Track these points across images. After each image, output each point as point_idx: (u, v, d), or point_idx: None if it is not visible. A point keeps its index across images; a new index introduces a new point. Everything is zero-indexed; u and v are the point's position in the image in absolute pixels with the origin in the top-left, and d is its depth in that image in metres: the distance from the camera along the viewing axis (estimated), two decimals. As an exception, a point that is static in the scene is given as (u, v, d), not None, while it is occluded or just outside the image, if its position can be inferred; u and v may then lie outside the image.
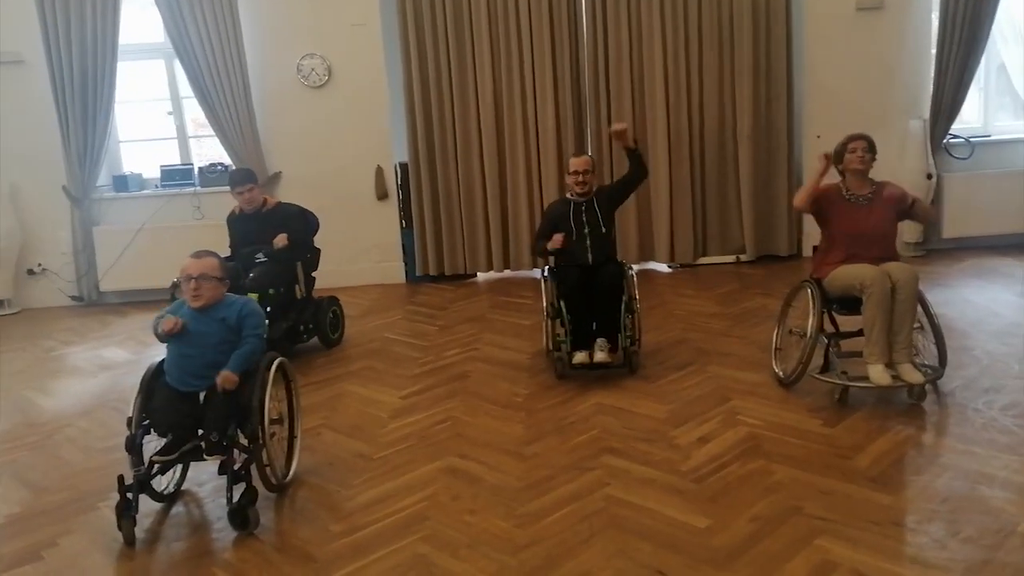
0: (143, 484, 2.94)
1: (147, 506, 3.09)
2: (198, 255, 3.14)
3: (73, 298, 6.73)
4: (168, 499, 3.17)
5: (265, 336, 3.18)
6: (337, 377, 4.52)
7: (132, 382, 3.12)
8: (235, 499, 2.89)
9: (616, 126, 4.42)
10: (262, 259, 4.75)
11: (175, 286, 3.20)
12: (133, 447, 2.94)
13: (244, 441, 3.00)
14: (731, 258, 6.59)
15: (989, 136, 6.51)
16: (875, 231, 3.74)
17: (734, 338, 4.69)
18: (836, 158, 3.85)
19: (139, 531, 2.94)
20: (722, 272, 6.33)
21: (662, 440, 3.42)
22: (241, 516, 2.89)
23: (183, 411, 2.99)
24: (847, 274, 3.65)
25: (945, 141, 6.32)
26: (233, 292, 3.27)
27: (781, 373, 3.93)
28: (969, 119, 6.61)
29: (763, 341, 4.47)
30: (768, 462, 3.15)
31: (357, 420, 3.89)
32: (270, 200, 4.98)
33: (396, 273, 6.77)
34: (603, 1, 6.23)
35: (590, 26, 6.30)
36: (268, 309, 4.64)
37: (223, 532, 2.94)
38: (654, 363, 4.34)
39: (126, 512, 2.87)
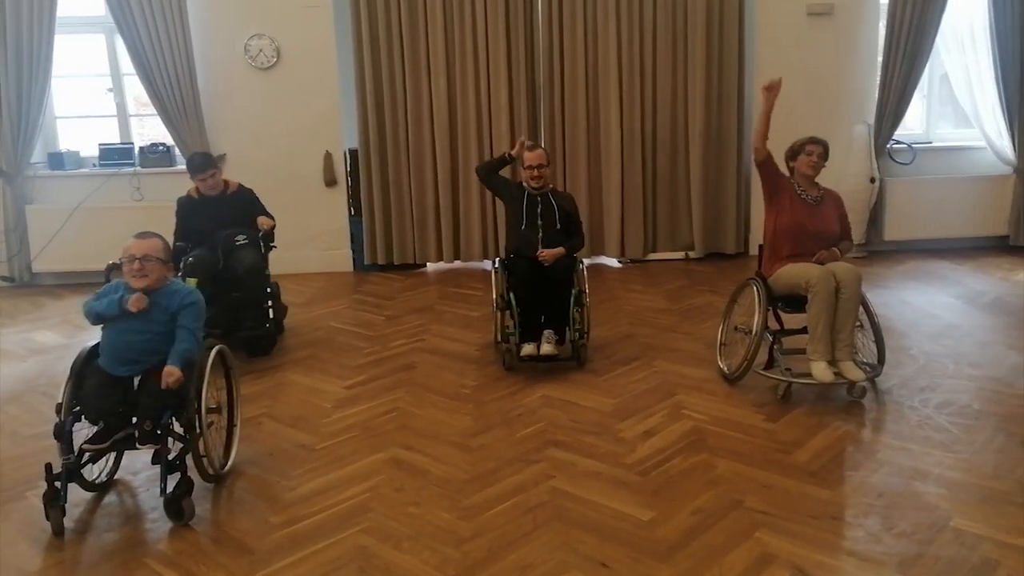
0: (72, 473, 2.82)
1: (78, 495, 2.98)
2: (142, 235, 3.02)
3: (3, 278, 6.45)
4: (100, 488, 3.05)
5: (202, 335, 3.07)
6: (279, 366, 4.42)
7: (64, 367, 3.00)
8: (169, 489, 2.80)
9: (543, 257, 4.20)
10: (243, 241, 4.56)
11: (110, 268, 3.07)
12: (62, 435, 2.82)
13: (179, 430, 2.91)
14: (680, 254, 6.66)
15: (931, 143, 6.70)
16: (822, 231, 3.82)
17: (681, 334, 4.74)
18: (790, 155, 3.91)
19: (69, 521, 2.83)
20: (671, 268, 6.39)
21: (608, 433, 3.43)
22: (175, 507, 2.80)
23: (116, 397, 2.88)
24: (793, 273, 3.71)
25: (888, 146, 6.48)
26: (201, 276, 3.17)
27: (726, 369, 3.98)
28: (912, 126, 6.79)
29: (709, 337, 4.52)
30: (711, 456, 3.19)
31: (299, 410, 3.81)
32: (231, 183, 4.80)
33: (344, 261, 6.66)
34: (560, -6, 6.22)
35: (546, 16, 6.27)
36: (269, 291, 4.68)
37: (157, 523, 2.84)
38: (602, 357, 4.35)
39: (54, 501, 2.75)
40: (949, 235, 6.52)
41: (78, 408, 2.88)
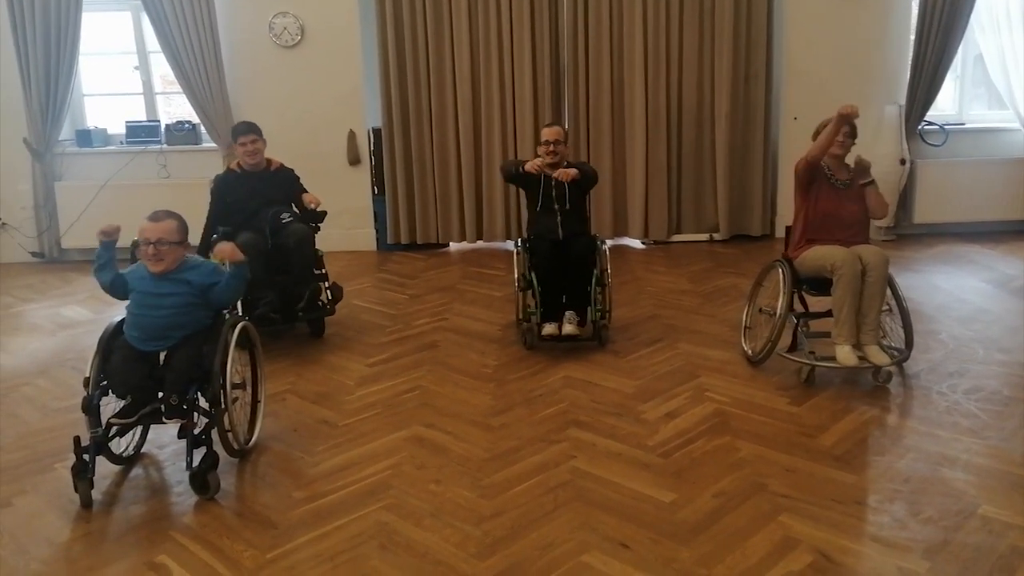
0: (100, 446, 2.86)
1: (105, 468, 3.02)
2: (155, 217, 3.01)
3: (34, 254, 6.54)
4: (127, 461, 3.10)
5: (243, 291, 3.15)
6: (303, 343, 4.45)
7: (92, 341, 3.03)
8: (195, 463, 2.83)
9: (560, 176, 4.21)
10: (289, 218, 4.40)
11: (136, 245, 3.10)
12: (90, 408, 2.86)
13: (205, 405, 2.94)
14: (704, 236, 6.60)
15: (963, 124, 6.55)
16: (851, 216, 3.75)
17: (704, 316, 4.70)
18: (818, 135, 3.82)
19: (97, 493, 2.88)
20: (695, 250, 6.33)
21: (629, 415, 3.42)
22: (201, 480, 2.83)
23: (142, 372, 2.91)
24: (819, 255, 3.66)
25: (920, 128, 6.35)
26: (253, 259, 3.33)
27: (750, 351, 3.94)
28: (944, 107, 6.64)
29: (733, 320, 4.48)
30: (734, 439, 3.16)
31: (323, 387, 3.84)
32: (274, 161, 4.62)
33: (367, 240, 6.68)
34: (586, -29, 6.14)
35: (571, -4, 6.21)
36: (324, 270, 4.53)
37: (182, 496, 2.88)
38: (624, 338, 4.33)
39: (82, 474, 2.80)
40: (981, 218, 6.39)
41: (105, 382, 2.92)
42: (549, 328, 4.08)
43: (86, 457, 2.81)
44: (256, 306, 4.11)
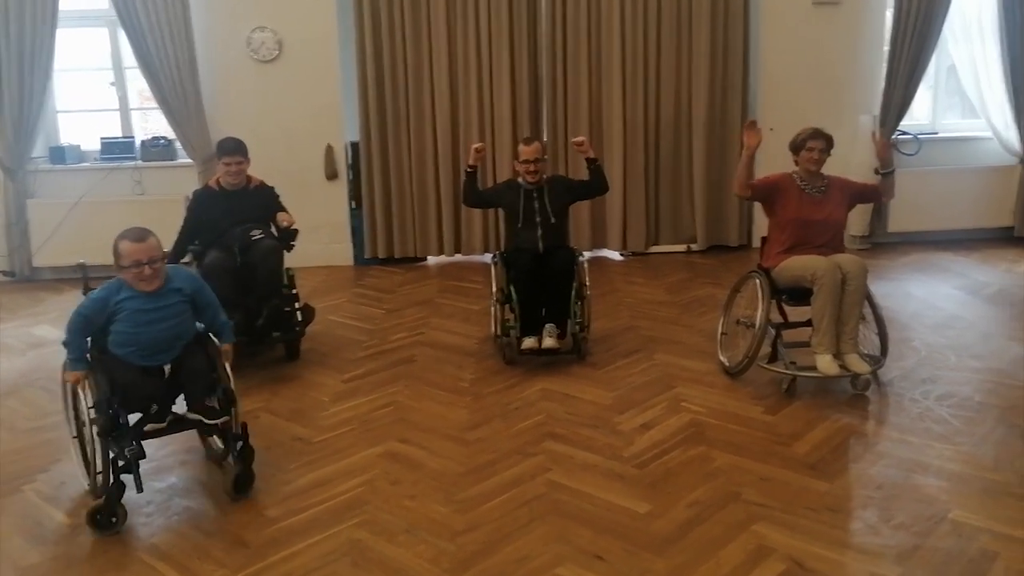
0: (137, 459, 2.75)
1: (67, 491, 2.99)
2: (140, 237, 2.92)
3: (4, 273, 6.45)
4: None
5: None
6: (278, 360, 4.40)
7: (63, 361, 2.97)
8: (234, 459, 2.93)
9: (575, 140, 4.38)
10: (259, 236, 4.28)
11: (83, 267, 3.10)
12: (119, 426, 2.76)
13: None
14: (682, 247, 6.62)
15: (937, 134, 6.64)
16: (827, 221, 3.77)
17: (682, 326, 4.71)
18: (793, 148, 3.85)
19: (63, 515, 2.85)
20: (673, 261, 6.36)
21: (605, 426, 3.41)
22: (248, 476, 2.94)
23: (155, 383, 2.94)
24: (798, 265, 3.68)
25: (894, 137, 6.42)
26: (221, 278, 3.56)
27: (727, 362, 3.95)
28: (919, 116, 6.73)
29: (710, 330, 4.49)
30: (709, 448, 3.17)
31: (298, 404, 3.80)
32: (253, 178, 4.53)
33: (344, 255, 6.65)
34: (562, -15, 6.18)
35: (548, 8, 6.23)
36: (295, 291, 4.42)
37: (152, 517, 2.85)
38: (602, 350, 4.33)
39: (118, 495, 2.75)
40: (954, 226, 6.46)
41: (116, 403, 2.81)
42: (529, 342, 4.07)
43: (121, 477, 2.75)
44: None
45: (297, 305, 4.39)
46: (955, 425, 3.29)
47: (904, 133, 6.46)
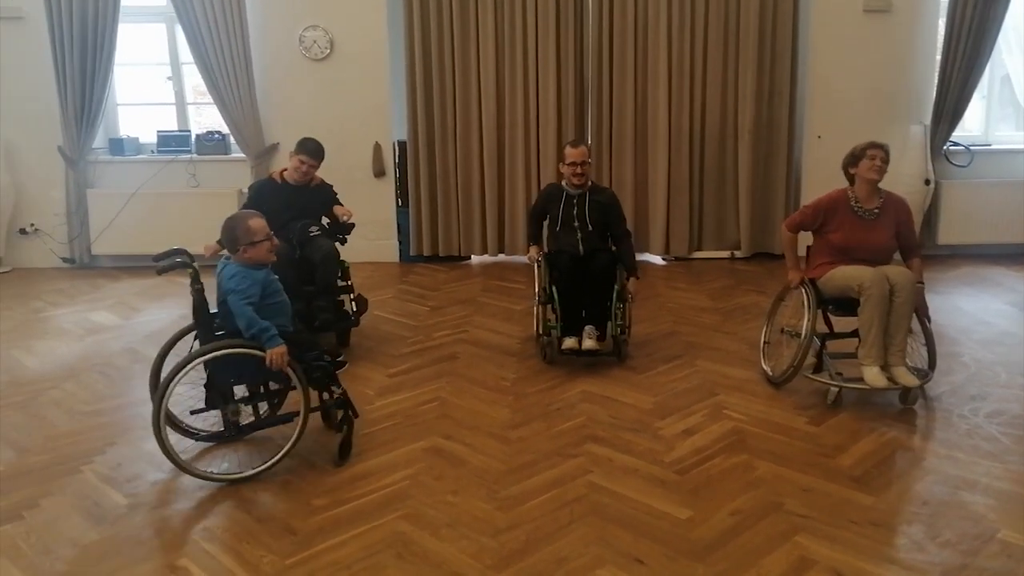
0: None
1: (130, 470, 3.10)
2: (257, 215, 3.23)
3: (65, 260, 6.69)
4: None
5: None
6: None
7: (119, 347, 3.10)
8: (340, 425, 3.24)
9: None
10: (316, 232, 4.49)
11: (174, 253, 3.19)
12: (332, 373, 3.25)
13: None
14: (726, 253, 6.59)
15: (989, 145, 6.51)
16: (876, 246, 3.69)
17: (724, 333, 4.70)
18: (850, 161, 3.75)
19: (122, 497, 2.96)
20: (716, 267, 6.33)
21: (647, 431, 3.43)
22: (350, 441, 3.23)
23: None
24: (845, 275, 3.64)
25: (945, 148, 6.32)
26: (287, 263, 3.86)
27: (770, 371, 3.93)
28: (971, 127, 6.61)
29: (753, 338, 4.47)
30: (751, 457, 3.16)
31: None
32: (316, 177, 4.68)
33: (390, 252, 6.75)
34: (611, -12, 6.20)
35: (596, 12, 6.25)
36: (349, 282, 4.58)
37: (205, 501, 2.94)
38: (643, 354, 4.34)
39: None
40: (1005, 240, 6.33)
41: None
42: (569, 342, 4.10)
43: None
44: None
45: (351, 296, 4.53)
46: (1005, 443, 3.24)
47: (956, 144, 6.35)
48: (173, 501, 2.95)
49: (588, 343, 4.10)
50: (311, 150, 4.54)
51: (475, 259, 6.77)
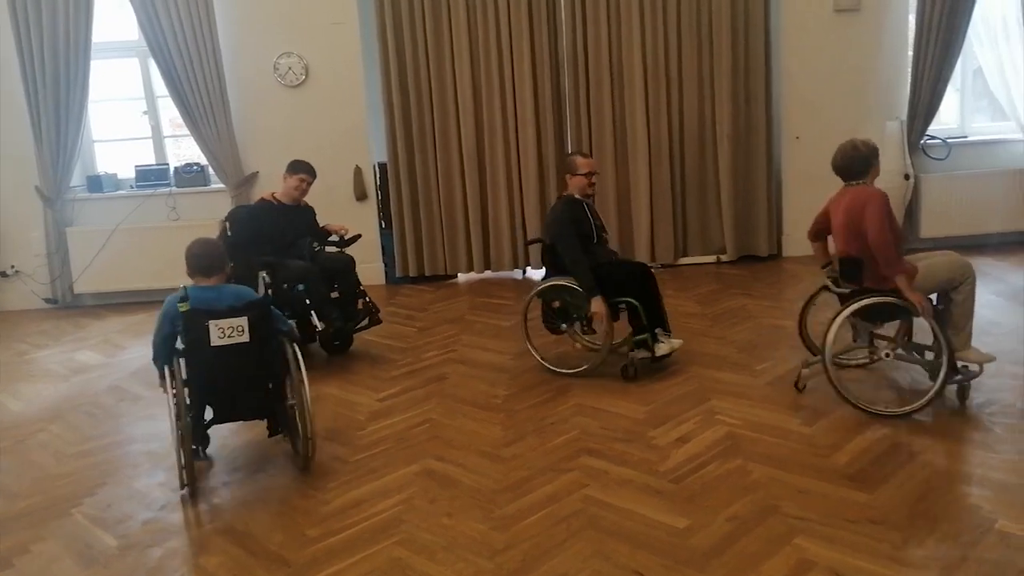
0: None
1: (122, 511, 3.06)
2: None
3: (47, 300, 6.63)
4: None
5: None
6: (313, 379, 4.41)
7: (105, 385, 3.07)
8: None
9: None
10: (319, 248, 4.92)
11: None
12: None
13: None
14: (712, 258, 6.60)
15: (966, 137, 6.56)
16: (835, 223, 3.66)
17: (714, 338, 4.69)
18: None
19: (114, 537, 2.92)
20: (703, 272, 6.34)
21: (640, 440, 3.41)
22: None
23: None
24: (946, 264, 3.63)
25: (922, 142, 6.36)
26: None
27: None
28: (947, 120, 6.66)
29: (743, 341, 4.49)
30: (746, 461, 3.15)
31: (334, 423, 3.85)
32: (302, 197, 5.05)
33: (376, 274, 6.72)
34: (582, 0, 6.23)
35: (569, 23, 6.28)
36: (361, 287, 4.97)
37: (199, 537, 2.90)
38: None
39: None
40: (987, 231, 6.37)
41: None
42: (663, 347, 4.08)
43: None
44: (332, 321, 4.57)
45: (367, 299, 4.86)
46: (997, 433, 3.24)
47: (933, 137, 6.40)
48: (165, 540, 2.90)
49: (674, 343, 4.12)
50: (309, 168, 4.93)
51: (462, 277, 6.75)
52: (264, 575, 2.62)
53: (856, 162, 3.64)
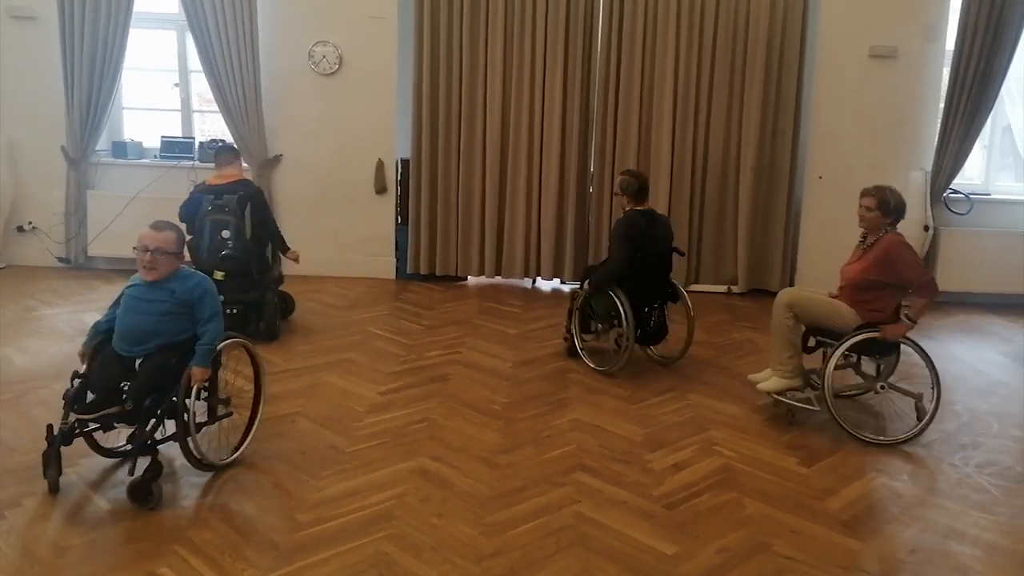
0: (65, 436, 2.97)
1: (116, 476, 3.10)
2: (157, 226, 3.11)
3: (60, 259, 6.66)
4: (118, 456, 3.21)
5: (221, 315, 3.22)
6: (316, 366, 4.48)
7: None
8: (138, 471, 2.90)
9: None
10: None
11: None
12: (66, 400, 2.98)
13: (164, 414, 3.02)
14: (722, 288, 6.60)
15: (989, 195, 6.55)
16: (847, 277, 3.84)
17: (717, 368, 4.69)
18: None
19: (105, 501, 2.94)
20: (712, 301, 6.33)
21: (636, 463, 3.41)
22: (145, 489, 2.89)
23: (116, 375, 3.01)
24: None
25: (945, 195, 6.36)
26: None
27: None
28: (971, 175, 6.66)
29: (746, 375, 4.47)
30: (740, 495, 3.15)
31: (333, 411, 3.86)
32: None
33: (387, 268, 6.74)
34: (620, 20, 6.24)
35: (604, 43, 6.30)
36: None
37: (190, 510, 2.91)
38: (635, 384, 4.33)
39: (50, 461, 2.93)
40: (1003, 290, 6.35)
41: (82, 380, 3.03)
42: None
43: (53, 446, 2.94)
44: None
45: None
46: (994, 495, 3.23)
47: (956, 192, 6.39)
48: (156, 509, 2.91)
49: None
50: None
51: (471, 280, 6.76)
52: (252, 555, 2.63)
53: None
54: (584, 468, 3.34)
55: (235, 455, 3.27)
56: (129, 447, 3.17)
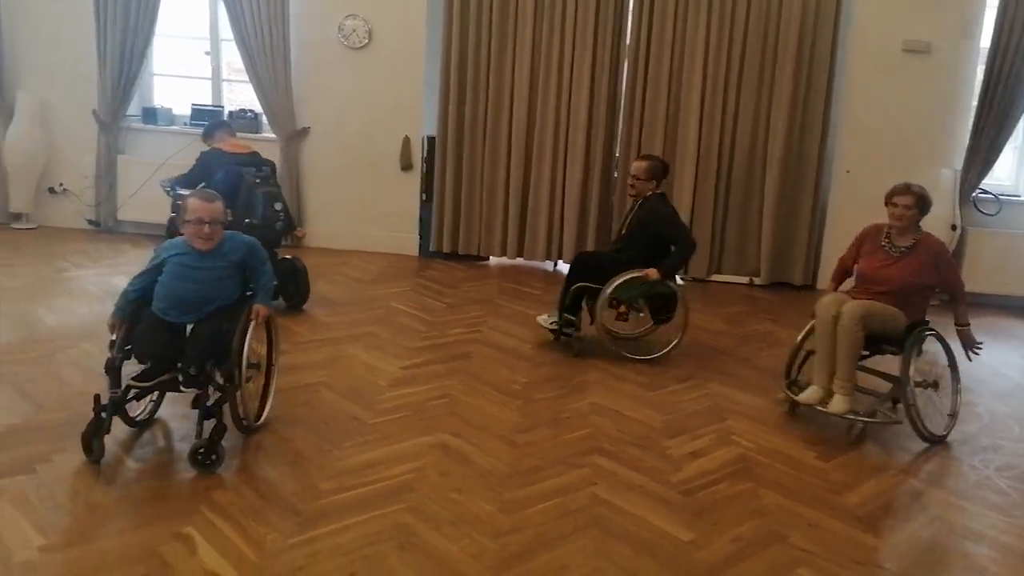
0: (117, 406, 3.01)
1: (144, 436, 3.15)
2: (208, 198, 3.13)
3: (90, 222, 6.75)
4: (139, 425, 3.25)
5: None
6: (340, 339, 4.53)
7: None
8: (204, 434, 2.95)
9: None
10: None
11: (172, 222, 3.26)
12: (112, 370, 3.00)
13: (220, 379, 3.06)
14: (744, 279, 6.58)
15: (1019, 196, 6.48)
16: (892, 281, 3.71)
17: (737, 359, 4.69)
18: (886, 199, 3.81)
19: (136, 461, 2.99)
20: (733, 292, 6.32)
21: (654, 448, 3.43)
22: (210, 451, 2.94)
23: (166, 341, 3.04)
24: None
25: (974, 195, 6.29)
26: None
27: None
28: (1001, 176, 6.58)
29: (767, 366, 4.48)
30: (757, 486, 3.16)
31: (356, 384, 3.91)
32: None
33: (410, 245, 6.77)
34: (651, 4, 6.19)
35: (634, 28, 6.27)
36: None
37: (217, 473, 2.96)
38: (655, 371, 4.34)
39: (96, 431, 2.94)
40: (1027, 294, 6.30)
41: (129, 347, 3.06)
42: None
43: (104, 415, 2.94)
44: None
45: None
46: (1013, 497, 3.22)
47: (985, 192, 6.32)
48: (182, 470, 2.97)
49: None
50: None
51: (493, 260, 6.78)
52: (275, 520, 2.68)
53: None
54: (602, 451, 3.36)
55: (263, 418, 3.33)
56: (147, 417, 3.26)
